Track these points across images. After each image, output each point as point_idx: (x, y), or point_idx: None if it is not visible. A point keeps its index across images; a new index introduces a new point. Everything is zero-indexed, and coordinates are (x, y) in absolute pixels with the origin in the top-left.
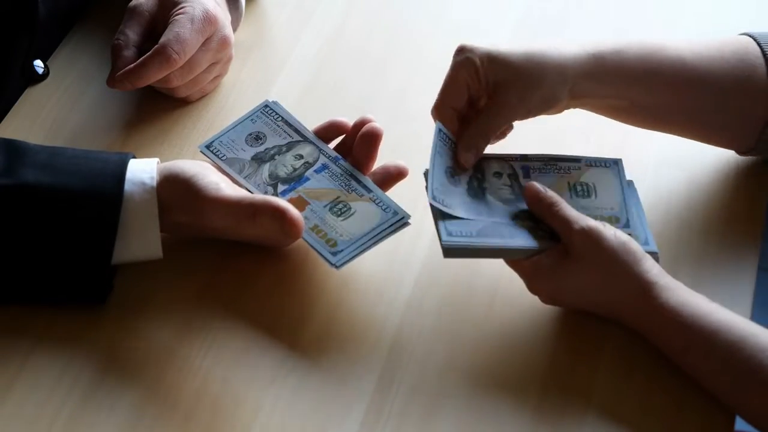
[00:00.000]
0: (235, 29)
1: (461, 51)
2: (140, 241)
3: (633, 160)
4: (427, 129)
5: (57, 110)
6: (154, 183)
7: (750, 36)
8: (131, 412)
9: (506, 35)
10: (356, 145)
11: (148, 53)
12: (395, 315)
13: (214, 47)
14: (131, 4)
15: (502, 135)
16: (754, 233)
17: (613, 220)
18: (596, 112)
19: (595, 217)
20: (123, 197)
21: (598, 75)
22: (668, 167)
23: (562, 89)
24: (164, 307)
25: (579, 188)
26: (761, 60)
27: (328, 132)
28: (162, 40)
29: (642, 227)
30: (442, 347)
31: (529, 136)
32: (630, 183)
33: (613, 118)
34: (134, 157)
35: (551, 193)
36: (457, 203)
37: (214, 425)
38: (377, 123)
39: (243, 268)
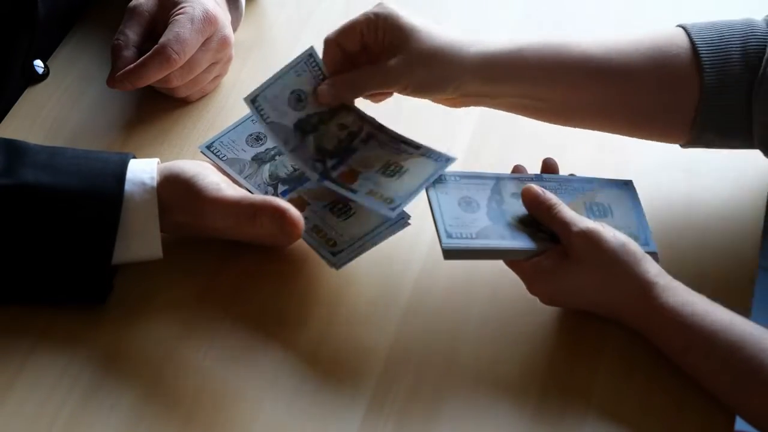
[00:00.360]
0: (235, 29)
1: (378, 5)
2: (140, 241)
3: (633, 160)
4: (428, 129)
5: (57, 110)
6: (155, 183)
7: (682, 27)
8: (131, 412)
9: (506, 34)
10: None
11: (148, 53)
12: (395, 315)
13: (214, 47)
14: (131, 4)
15: (377, 97)
16: (754, 233)
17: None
18: (505, 111)
19: None
20: (123, 197)
21: (490, 75)
22: (668, 167)
23: (449, 83)
24: (164, 307)
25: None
26: (686, 50)
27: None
28: (162, 40)
29: (642, 228)
30: (442, 347)
31: (529, 136)
32: (629, 183)
33: (531, 117)
34: (134, 158)
35: (550, 195)
36: (278, 119)
37: (214, 425)
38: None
39: (243, 269)
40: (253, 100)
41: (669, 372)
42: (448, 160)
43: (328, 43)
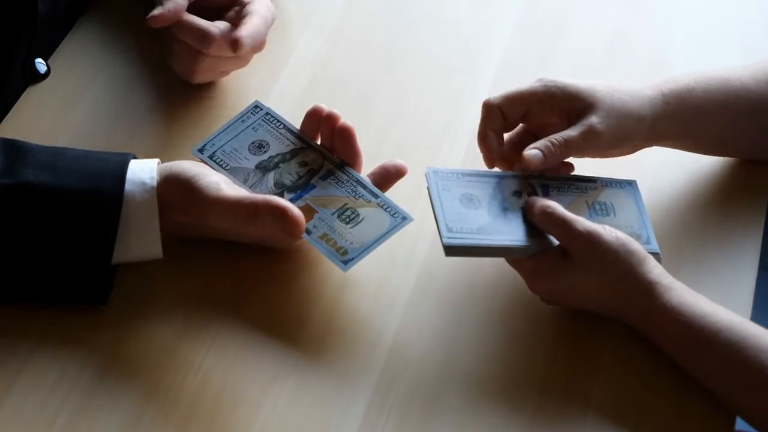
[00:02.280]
0: None
1: (540, 80)
2: (140, 241)
3: (634, 160)
4: (427, 129)
5: (57, 110)
6: (155, 183)
7: None
8: (131, 412)
9: (506, 34)
10: (337, 146)
11: (225, 31)
12: (395, 315)
13: (255, 48)
14: None
15: (558, 168)
16: (754, 233)
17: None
18: (670, 147)
19: None
20: (123, 197)
21: (674, 116)
22: (669, 167)
23: (640, 128)
24: (164, 307)
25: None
26: None
27: (309, 124)
28: (243, 30)
29: (644, 227)
30: (442, 347)
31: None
32: (633, 182)
33: (689, 151)
34: (134, 157)
35: (549, 202)
36: (238, 164)
37: (214, 425)
38: (346, 120)
39: (243, 269)
40: (211, 156)
41: (669, 372)
42: (405, 219)
43: (491, 108)
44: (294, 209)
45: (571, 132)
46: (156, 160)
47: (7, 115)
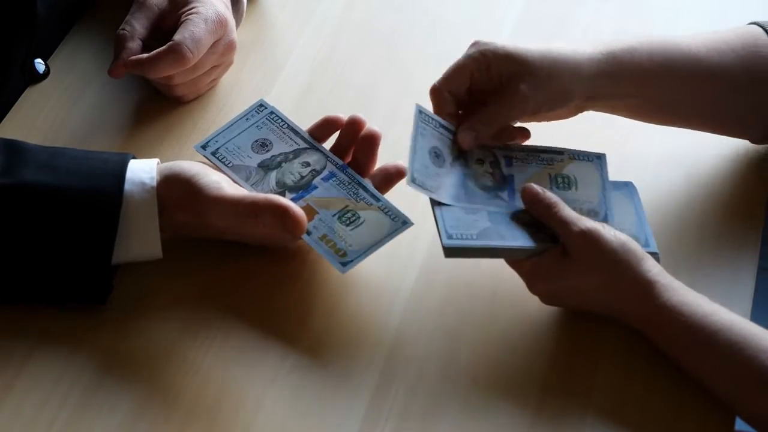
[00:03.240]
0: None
1: (474, 44)
2: (140, 241)
3: (633, 159)
4: None
5: (57, 110)
6: (154, 183)
7: (759, 25)
8: (131, 412)
9: (505, 34)
10: (356, 149)
11: (162, 48)
12: (395, 315)
13: (220, 50)
14: None
15: (512, 136)
16: (754, 233)
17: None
18: (610, 112)
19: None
20: (123, 197)
21: (614, 74)
22: (668, 167)
23: (576, 88)
24: (164, 307)
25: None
26: None
27: (323, 129)
28: (177, 37)
29: (642, 229)
30: (442, 347)
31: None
32: (629, 184)
33: (627, 117)
34: (134, 158)
35: (550, 194)
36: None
37: (214, 425)
38: (374, 126)
39: (243, 268)
40: (213, 152)
41: (669, 372)
42: (405, 223)
43: (438, 92)
44: (295, 208)
45: (499, 102)
46: (156, 160)
47: (6, 115)
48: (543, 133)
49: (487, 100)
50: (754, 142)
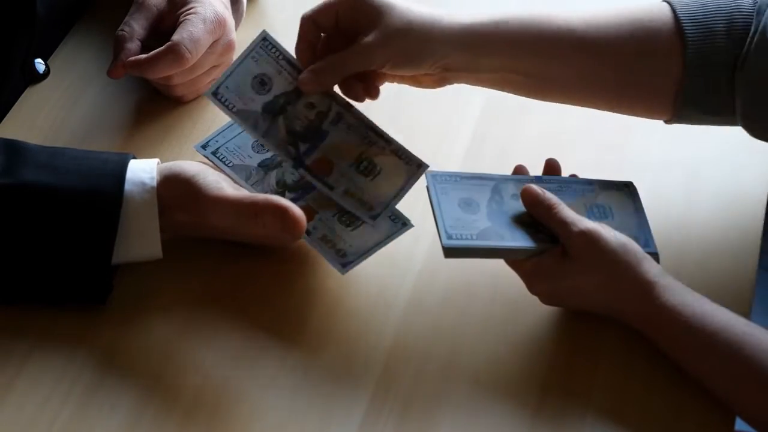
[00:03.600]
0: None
1: None
2: (140, 241)
3: (633, 159)
4: (427, 129)
5: (57, 110)
6: (155, 183)
7: (667, 2)
8: (131, 412)
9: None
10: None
11: (161, 48)
12: (395, 315)
13: (219, 50)
14: None
15: (368, 92)
16: (754, 233)
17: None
18: (492, 87)
19: None
20: (123, 197)
21: (473, 45)
22: (668, 167)
23: (425, 54)
24: (164, 307)
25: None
26: (669, 24)
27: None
28: (175, 37)
29: (642, 229)
30: (442, 347)
31: (529, 135)
32: (630, 184)
33: (515, 94)
34: (134, 158)
35: (549, 195)
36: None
37: (214, 425)
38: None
39: (243, 268)
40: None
41: (669, 372)
42: (405, 225)
43: (305, 19)
44: (295, 208)
45: (347, 50)
46: (156, 160)
47: (6, 115)
48: (545, 134)
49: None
50: (665, 121)
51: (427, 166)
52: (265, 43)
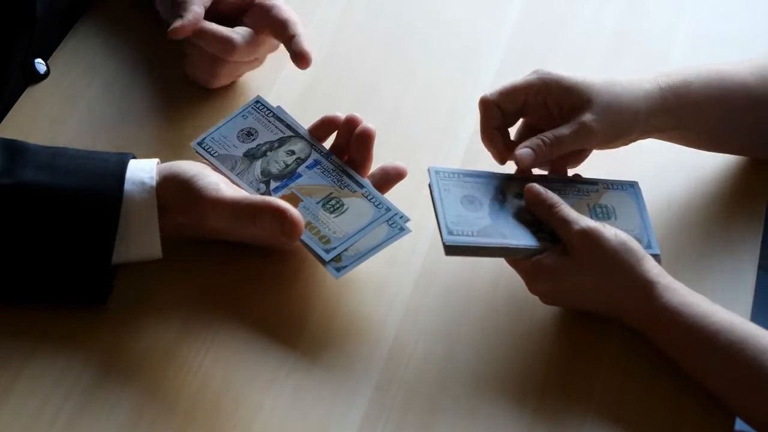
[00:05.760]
0: None
1: (535, 71)
2: (140, 241)
3: (634, 160)
4: (426, 129)
5: (57, 110)
6: (154, 183)
7: None
8: (131, 413)
9: (506, 33)
10: (352, 147)
11: (246, 35)
12: (395, 315)
13: (275, 43)
14: None
15: (575, 161)
16: (754, 233)
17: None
18: (671, 142)
19: None
20: (123, 197)
21: (671, 108)
22: (669, 168)
23: (637, 122)
24: (164, 307)
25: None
26: None
27: (321, 129)
28: (297, 44)
29: (646, 230)
30: (442, 347)
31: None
32: (635, 184)
33: (680, 144)
34: (134, 158)
35: (551, 194)
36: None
37: (214, 425)
38: (369, 123)
39: (243, 269)
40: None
41: (669, 372)
42: (402, 230)
43: (488, 104)
44: (293, 210)
45: (564, 129)
46: (155, 160)
47: (6, 115)
48: None
49: (538, 128)
50: None
51: (410, 231)
52: (258, 105)
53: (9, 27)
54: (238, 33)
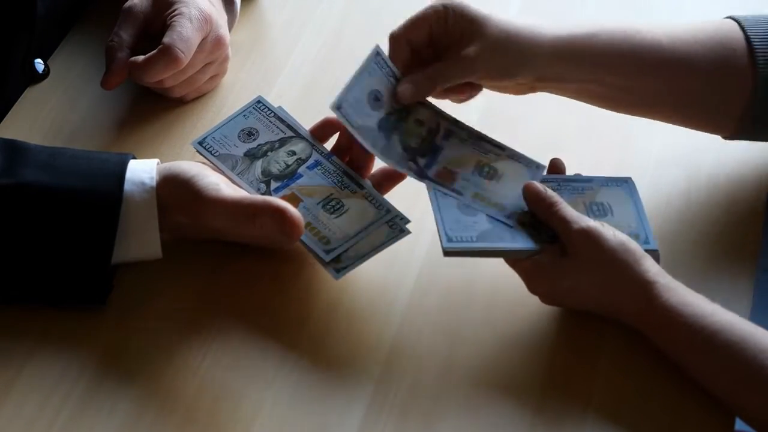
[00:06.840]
0: (230, 29)
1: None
2: (140, 241)
3: (633, 159)
4: None
5: (57, 110)
6: (154, 183)
7: (733, 19)
8: (131, 413)
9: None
10: (353, 148)
11: (154, 51)
12: (395, 315)
13: (209, 48)
14: (126, 5)
15: (461, 95)
16: (754, 233)
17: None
18: (572, 97)
19: None
20: (123, 197)
21: (567, 57)
22: (668, 166)
23: (526, 65)
24: (164, 307)
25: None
26: (742, 43)
27: (323, 130)
28: (166, 39)
29: (642, 226)
30: (442, 347)
31: (529, 135)
32: (628, 180)
33: (593, 104)
34: (134, 158)
35: (551, 193)
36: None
37: (214, 425)
38: None
39: (243, 269)
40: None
41: (669, 372)
42: (402, 231)
43: (397, 38)
44: (292, 210)
45: (447, 62)
46: (155, 160)
47: (6, 115)
48: (545, 134)
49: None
50: (724, 137)
51: (410, 232)
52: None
53: (9, 27)
54: (169, 43)
